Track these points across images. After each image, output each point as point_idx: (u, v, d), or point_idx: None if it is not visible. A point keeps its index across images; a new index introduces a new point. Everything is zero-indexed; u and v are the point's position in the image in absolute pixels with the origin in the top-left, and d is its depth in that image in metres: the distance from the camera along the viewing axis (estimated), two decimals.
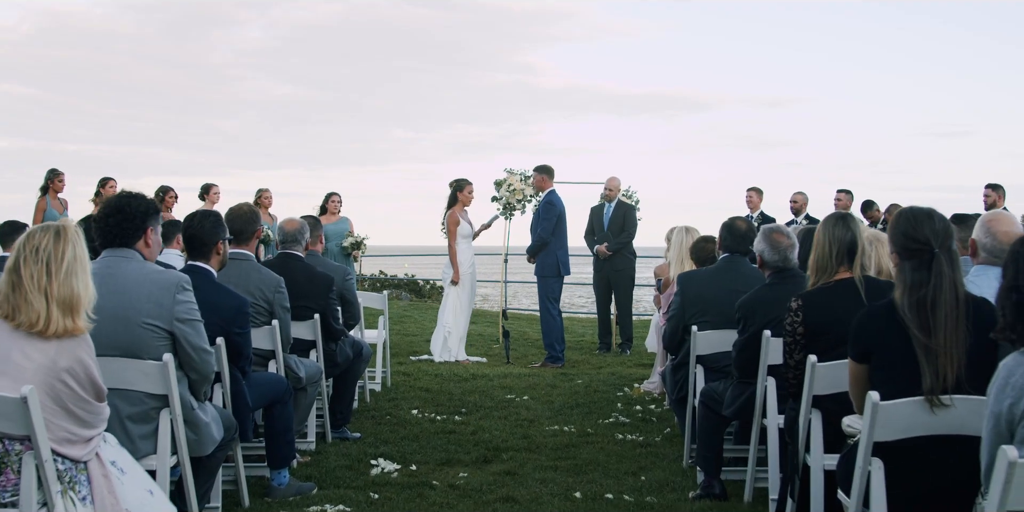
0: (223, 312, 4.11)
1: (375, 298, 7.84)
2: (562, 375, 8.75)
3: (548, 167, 9.80)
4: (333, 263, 6.31)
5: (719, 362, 4.84)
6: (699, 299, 4.88)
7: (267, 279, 4.88)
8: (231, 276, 4.81)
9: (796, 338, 3.59)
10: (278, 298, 4.88)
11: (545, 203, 9.61)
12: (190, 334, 3.50)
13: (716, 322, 4.84)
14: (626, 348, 10.51)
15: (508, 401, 7.31)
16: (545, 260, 9.56)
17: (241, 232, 4.88)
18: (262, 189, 11.32)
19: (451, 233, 9.71)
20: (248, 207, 4.93)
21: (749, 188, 11.20)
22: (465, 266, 9.68)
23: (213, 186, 11.15)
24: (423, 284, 18.66)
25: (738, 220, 4.99)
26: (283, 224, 5.67)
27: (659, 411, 6.97)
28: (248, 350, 4.27)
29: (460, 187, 9.78)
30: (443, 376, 8.49)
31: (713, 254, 6.04)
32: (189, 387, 3.61)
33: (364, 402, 7.10)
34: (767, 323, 4.20)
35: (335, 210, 11.25)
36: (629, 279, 10.62)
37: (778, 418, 4.21)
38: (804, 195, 11.08)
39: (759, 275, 4.86)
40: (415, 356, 9.74)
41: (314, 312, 5.49)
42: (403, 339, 11.21)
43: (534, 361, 9.81)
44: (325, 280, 5.57)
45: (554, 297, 9.63)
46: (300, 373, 5.09)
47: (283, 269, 5.45)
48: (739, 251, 4.94)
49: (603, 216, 10.63)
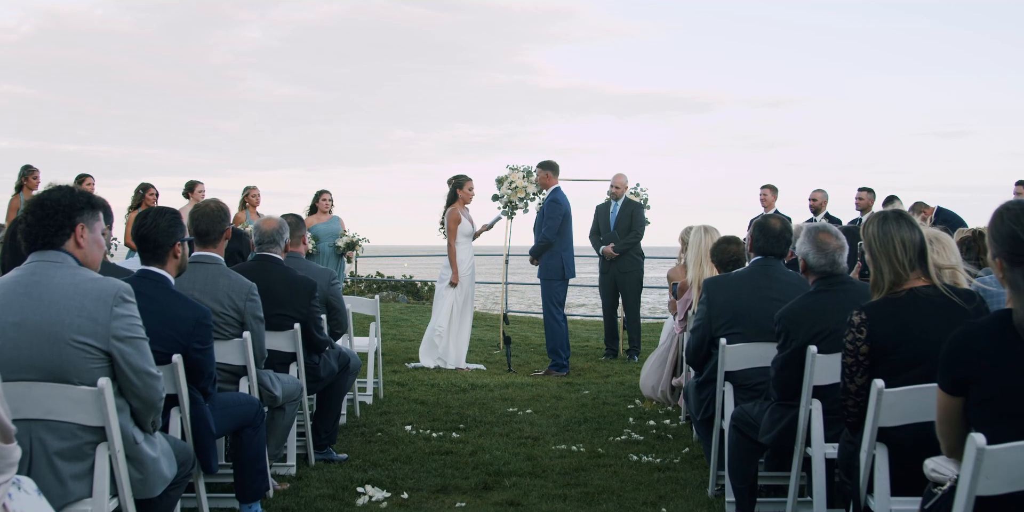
0: (180, 325, 3.54)
1: (366, 303, 7.25)
2: (567, 385, 8.17)
3: (553, 163, 9.23)
4: (318, 266, 5.73)
5: (751, 379, 4.26)
6: (728, 308, 4.30)
7: (237, 285, 4.29)
8: (196, 282, 4.24)
9: (858, 359, 3.01)
10: (250, 307, 4.30)
11: (549, 201, 9.03)
12: (131, 354, 2.91)
13: (748, 334, 4.26)
14: (634, 355, 9.93)
15: (510, 415, 6.73)
16: (549, 262, 8.98)
17: (207, 232, 4.30)
18: (249, 187, 10.72)
19: (451, 231, 9.14)
20: (215, 204, 4.35)
21: (763, 185, 10.61)
22: (464, 266, 9.11)
23: (198, 184, 10.56)
24: (421, 286, 18.06)
25: (772, 218, 4.41)
26: (260, 224, 5.09)
27: (675, 426, 6.39)
28: (211, 368, 3.69)
29: (460, 184, 9.20)
30: (440, 386, 7.91)
31: (737, 256, 5.47)
32: (132, 417, 3.03)
33: (353, 417, 6.52)
34: (812, 337, 3.63)
35: (326, 209, 10.66)
36: (637, 282, 10.03)
37: (825, 447, 3.64)
38: (824, 193, 10.48)
39: (797, 281, 4.29)
40: (411, 363, 9.15)
41: (294, 321, 4.91)
42: (398, 345, 10.62)
43: (537, 368, 9.23)
44: (306, 285, 4.98)
45: (558, 301, 9.04)
46: (276, 391, 4.50)
47: (259, 274, 4.88)
48: (773, 253, 4.36)
49: (609, 215, 10.06)
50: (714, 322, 4.34)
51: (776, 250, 4.35)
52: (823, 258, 3.69)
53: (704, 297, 4.36)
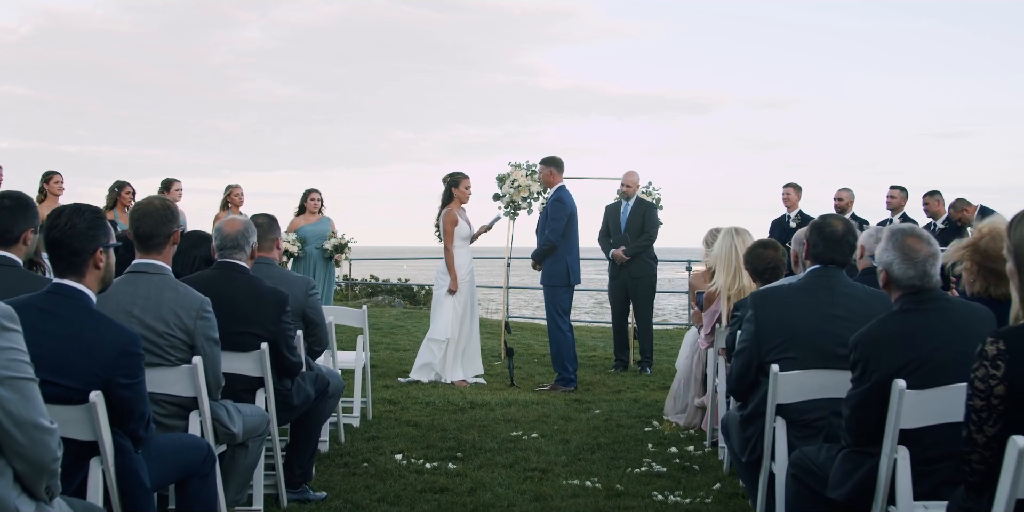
0: (101, 353, 2.80)
1: (352, 314, 6.48)
2: (575, 402, 7.42)
3: (557, 159, 8.47)
4: (293, 274, 4.98)
5: (808, 414, 3.52)
6: (781, 328, 3.55)
7: (187, 300, 3.55)
8: (136, 297, 3.50)
9: (991, 402, 2.26)
10: (201, 326, 3.55)
11: (554, 201, 8.27)
12: (10, 401, 2.17)
13: (805, 359, 3.51)
14: (646, 366, 9.18)
15: (514, 441, 5.98)
16: (553, 267, 8.22)
17: (151, 236, 3.55)
18: (232, 185, 9.97)
19: (447, 234, 8.39)
20: (160, 202, 3.59)
21: (786, 184, 9.84)
22: (463, 272, 8.36)
23: (175, 181, 9.81)
24: (418, 290, 17.29)
25: (832, 219, 3.65)
26: (221, 225, 4.33)
27: (700, 455, 5.65)
28: (142, 406, 2.95)
29: (456, 182, 8.45)
30: (435, 405, 7.16)
31: (775, 263, 4.73)
32: (15, 482, 2.28)
33: (337, 443, 5.77)
34: (899, 369, 2.89)
35: (315, 209, 9.90)
36: (650, 287, 9.28)
37: (914, 506, 2.89)
38: (850, 192, 9.71)
39: (866, 295, 3.55)
40: (404, 378, 8.39)
41: (261, 340, 4.16)
42: (391, 356, 9.86)
43: (542, 382, 8.48)
44: (275, 298, 4.23)
45: (563, 309, 8.28)
46: (234, 427, 3.75)
47: (219, 285, 4.14)
48: (835, 261, 3.61)
49: (620, 216, 9.30)
50: (763, 345, 3.59)
51: (838, 257, 3.60)
52: (912, 269, 2.94)
53: (751, 314, 3.61)
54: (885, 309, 3.48)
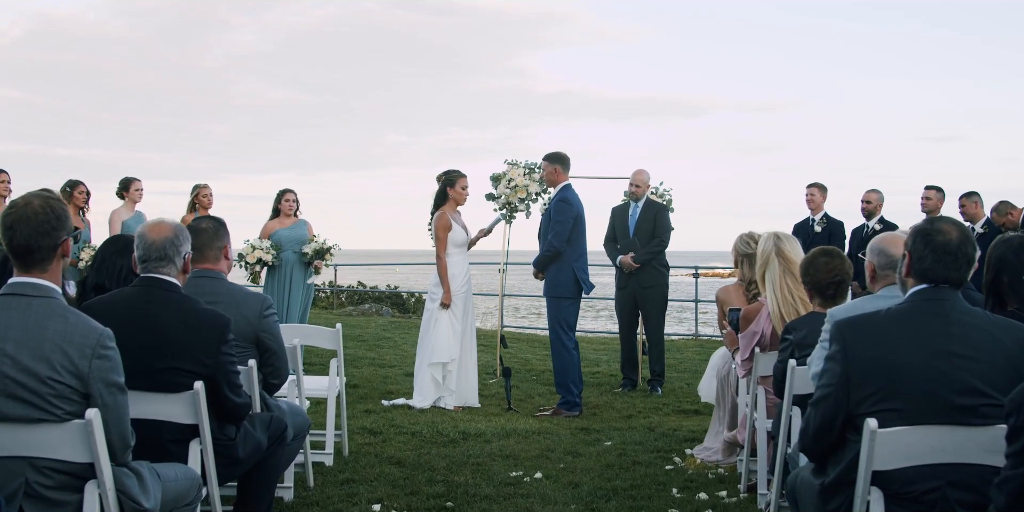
0: None
1: (323, 335, 5.54)
2: (582, 431, 6.52)
3: (562, 155, 7.55)
4: (243, 291, 4.06)
5: (915, 485, 2.63)
6: (880, 368, 2.65)
7: (80, 332, 2.63)
8: (10, 329, 2.59)
9: None
10: (99, 368, 2.64)
11: (558, 201, 7.36)
12: None
13: (913, 412, 2.61)
14: (657, 386, 8.28)
15: (514, 484, 5.07)
16: (558, 276, 7.31)
17: (28, 250, 2.64)
18: (199, 185, 9.01)
19: (439, 241, 7.48)
20: (42, 204, 2.65)
21: (810, 185, 8.94)
22: (458, 282, 7.45)
23: (134, 181, 8.86)
24: (407, 297, 16.36)
25: (944, 223, 2.75)
26: (144, 231, 3.39)
27: (734, 502, 4.76)
28: None
29: (451, 181, 7.56)
30: (422, 435, 6.24)
31: (842, 277, 3.85)
32: None
33: (304, 489, 4.85)
34: None
35: (290, 211, 8.97)
36: (661, 298, 8.38)
37: None
38: (879, 194, 8.82)
39: (987, 324, 2.66)
40: (388, 401, 7.48)
41: (195, 378, 3.25)
42: (375, 373, 8.94)
43: (542, 404, 7.60)
44: (214, 323, 3.32)
45: (569, 324, 7.37)
46: (146, 502, 2.81)
47: (140, 306, 3.24)
48: (950, 280, 2.71)
49: (628, 219, 8.42)
50: (855, 391, 2.69)
51: (954, 275, 2.70)
52: None
53: (837, 350, 2.71)
54: (1017, 343, 2.60)
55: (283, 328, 5.13)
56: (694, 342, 12.65)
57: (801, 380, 3.92)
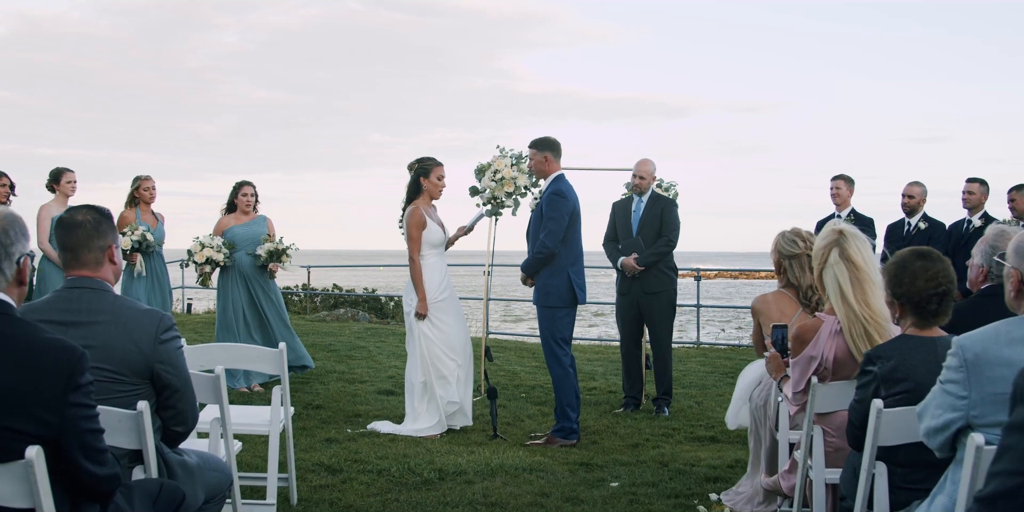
0: None
1: (263, 355, 4.40)
2: (582, 468, 5.47)
3: (552, 141, 6.46)
4: (136, 308, 2.95)
5: None
6: None
7: None
8: None
9: None
10: None
11: (551, 194, 6.28)
12: None
13: None
14: (664, 406, 7.24)
15: None
16: (550, 282, 6.24)
17: None
18: (141, 177, 7.91)
19: (413, 241, 6.43)
20: None
21: (835, 177, 7.92)
22: (434, 286, 6.39)
23: (66, 172, 7.74)
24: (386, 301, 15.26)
25: None
26: None
27: None
28: None
29: (425, 170, 6.51)
30: (390, 474, 5.17)
31: (947, 288, 2.82)
32: None
33: None
34: None
35: (247, 207, 7.90)
36: (668, 305, 7.34)
37: None
38: (922, 187, 7.82)
39: None
40: (353, 429, 6.41)
41: (30, 441, 2.18)
42: (343, 391, 7.85)
43: (532, 427, 6.57)
44: (60, 358, 2.26)
45: (563, 337, 6.30)
46: None
47: None
48: None
49: (631, 215, 7.38)
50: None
51: None
52: None
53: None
54: None
55: (207, 348, 4.07)
56: (696, 351, 11.60)
57: (890, 428, 2.91)
